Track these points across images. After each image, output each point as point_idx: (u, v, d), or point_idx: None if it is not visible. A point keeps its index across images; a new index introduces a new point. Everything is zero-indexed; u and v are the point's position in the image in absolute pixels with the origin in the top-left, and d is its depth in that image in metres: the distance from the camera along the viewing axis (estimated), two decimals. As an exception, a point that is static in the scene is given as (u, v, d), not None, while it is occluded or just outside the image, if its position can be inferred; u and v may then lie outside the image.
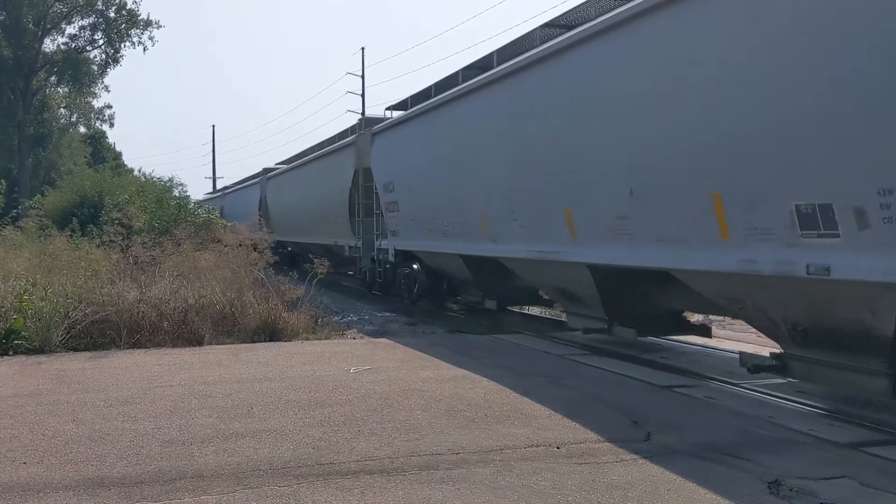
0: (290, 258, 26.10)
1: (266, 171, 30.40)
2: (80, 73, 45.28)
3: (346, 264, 21.42)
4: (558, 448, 5.34)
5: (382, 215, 15.89)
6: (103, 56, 46.16)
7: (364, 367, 8.37)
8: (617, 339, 9.70)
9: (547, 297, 12.94)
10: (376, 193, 16.02)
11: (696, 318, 10.50)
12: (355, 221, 17.97)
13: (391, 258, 15.63)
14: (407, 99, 15.59)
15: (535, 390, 7.17)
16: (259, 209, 28.82)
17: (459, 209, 12.16)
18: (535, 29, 10.62)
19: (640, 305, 9.22)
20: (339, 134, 22.37)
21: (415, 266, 14.97)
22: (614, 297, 9.22)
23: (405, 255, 15.13)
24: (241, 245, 12.99)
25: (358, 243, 18.01)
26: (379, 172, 15.77)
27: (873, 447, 5.48)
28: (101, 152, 51.92)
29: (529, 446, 5.38)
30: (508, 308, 14.05)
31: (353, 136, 18.49)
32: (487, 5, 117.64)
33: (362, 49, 55.32)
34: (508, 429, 5.82)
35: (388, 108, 17.12)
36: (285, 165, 29.01)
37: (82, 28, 45.54)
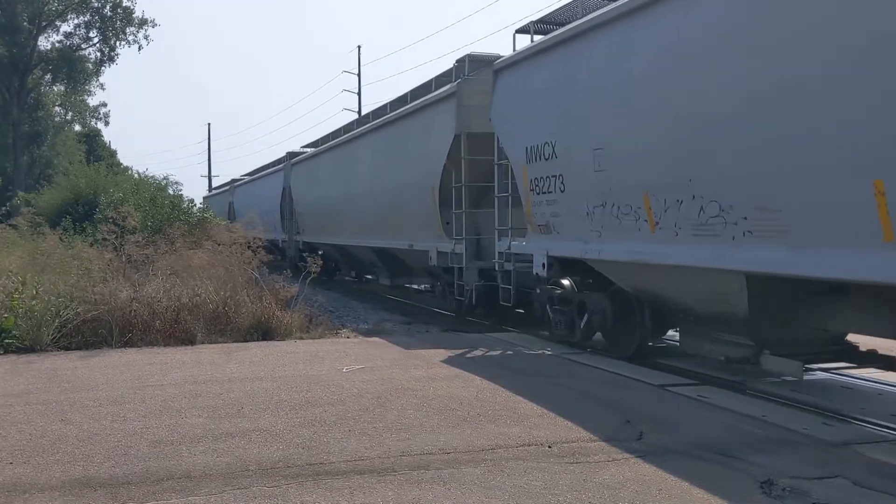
0: (323, 265, 21.68)
1: (290, 155, 24.98)
2: (75, 71, 45.25)
3: (418, 275, 16.07)
4: (550, 447, 5.30)
5: (509, 204, 10.92)
6: (98, 54, 46.10)
7: (357, 367, 8.33)
8: (769, 372, 7.42)
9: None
10: (499, 167, 11.00)
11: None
12: (452, 215, 12.51)
13: (543, 269, 9.86)
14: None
15: (528, 389, 7.13)
16: (281, 203, 25.18)
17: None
18: None
19: (796, 326, 7.04)
20: (416, 90, 15.24)
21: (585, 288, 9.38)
22: (768, 316, 6.96)
23: (563, 266, 9.72)
24: (235, 243, 12.93)
25: (455, 248, 12.40)
26: (510, 130, 10.48)
27: (867, 446, 5.45)
28: (96, 150, 51.67)
29: (521, 445, 5.35)
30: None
31: (453, 83, 12.57)
32: (486, 3, 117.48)
33: (358, 47, 55.33)
34: (501, 428, 5.79)
35: (517, 32, 11.03)
36: (312, 149, 23.49)
37: (77, 26, 45.56)
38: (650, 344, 9.12)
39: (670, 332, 9.20)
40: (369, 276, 21.82)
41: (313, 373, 8.03)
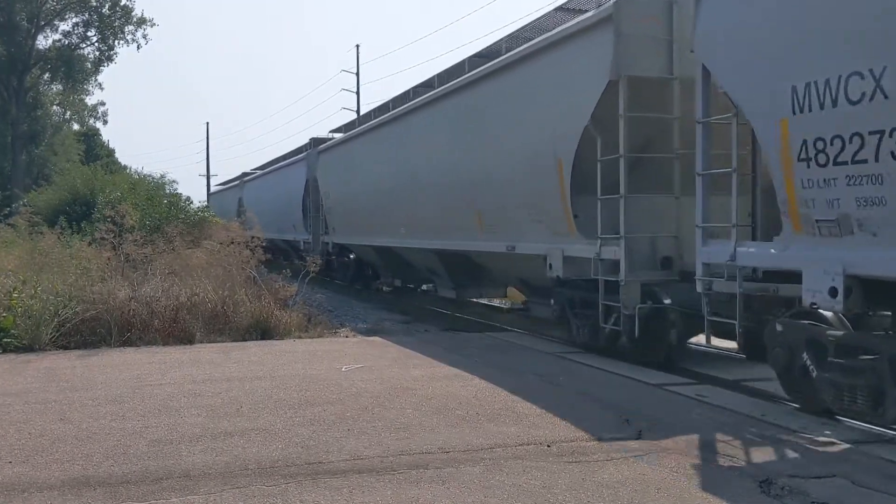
0: (357, 271, 19.63)
1: (316, 142, 21.97)
2: (73, 70, 45.17)
3: (499, 285, 13.44)
4: (549, 446, 5.31)
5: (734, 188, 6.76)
6: (97, 53, 46.04)
7: (356, 366, 8.33)
8: None
9: None
10: (706, 128, 7.00)
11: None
12: (599, 203, 8.61)
13: (832, 298, 5.65)
14: None
15: (527, 388, 7.14)
16: (304, 198, 21.95)
17: None
18: None
19: None
20: (520, 30, 11.16)
21: None
22: None
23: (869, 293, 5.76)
24: (233, 243, 12.92)
25: (603, 251, 8.57)
26: (747, 62, 6.35)
27: (866, 446, 5.45)
28: (94, 149, 51.71)
29: (520, 445, 5.35)
30: None
31: (606, 3, 8.45)
32: (484, 2, 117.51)
33: (357, 46, 55.16)
34: (499, 427, 5.79)
35: None
36: (341, 134, 20.24)
37: (76, 25, 45.41)
38: None
39: None
40: (425, 287, 17.89)
41: (312, 372, 8.03)
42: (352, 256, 19.81)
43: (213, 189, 43.70)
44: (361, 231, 17.30)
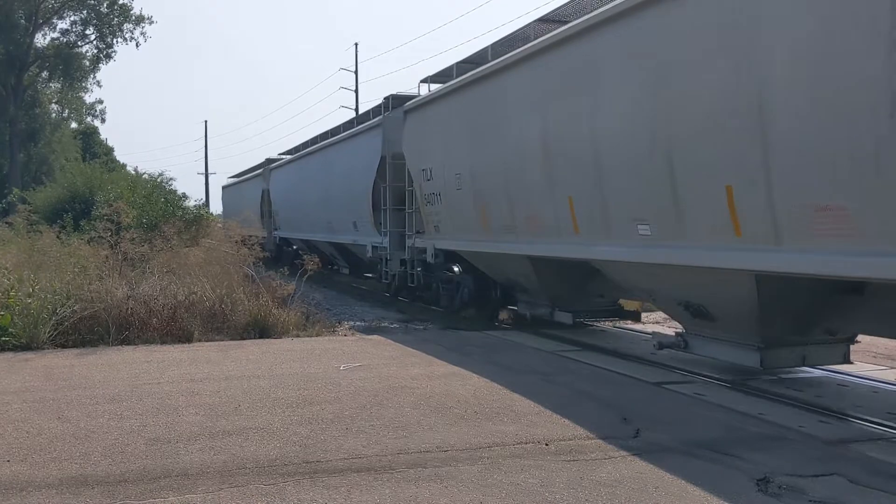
0: (479, 295, 12.48)
1: (396, 100, 14.45)
2: (71, 68, 45.16)
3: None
4: (547, 445, 5.31)
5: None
6: (95, 51, 45.99)
7: (354, 365, 8.32)
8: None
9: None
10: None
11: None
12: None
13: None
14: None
15: (525, 387, 7.14)
16: (377, 184, 15.00)
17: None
18: None
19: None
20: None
21: None
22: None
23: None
24: (230, 241, 12.93)
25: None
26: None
27: (863, 444, 5.46)
28: (92, 148, 51.67)
29: (518, 443, 5.35)
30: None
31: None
32: (482, 1, 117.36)
33: (356, 45, 55.10)
34: (498, 426, 5.79)
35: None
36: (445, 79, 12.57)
37: (74, 23, 45.41)
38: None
39: None
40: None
41: (310, 371, 8.03)
42: (457, 270, 13.09)
43: (226, 182, 38.12)
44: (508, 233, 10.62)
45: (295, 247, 24.17)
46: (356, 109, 43.16)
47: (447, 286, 13.38)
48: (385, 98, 15.02)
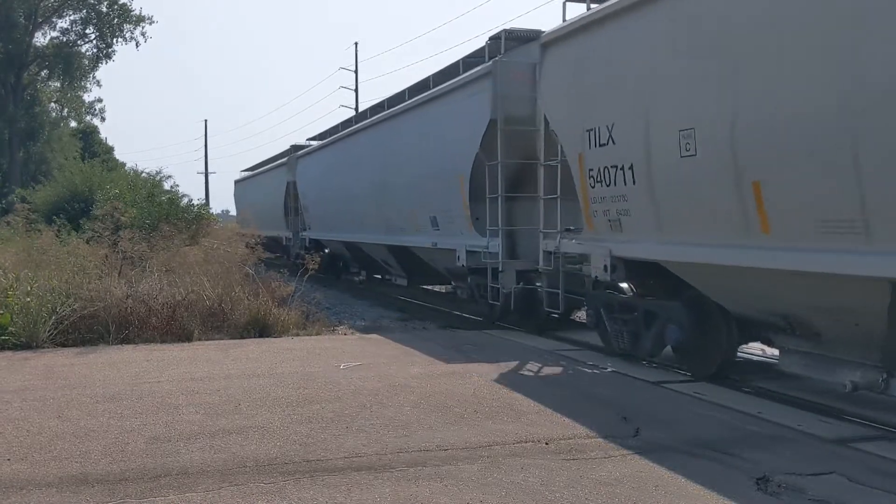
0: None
1: (514, 37, 10.95)
2: (71, 67, 45.12)
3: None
4: (547, 444, 5.31)
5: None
6: (95, 51, 45.96)
7: (354, 364, 8.32)
8: None
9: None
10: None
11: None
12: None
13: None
14: None
15: (525, 386, 7.14)
16: (478, 162, 11.06)
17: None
18: None
19: None
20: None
21: None
22: None
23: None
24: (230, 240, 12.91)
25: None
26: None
27: (862, 443, 5.47)
28: (92, 147, 51.59)
29: (518, 442, 5.35)
30: None
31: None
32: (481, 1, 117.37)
33: (356, 44, 55.08)
34: (497, 425, 5.80)
35: None
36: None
37: (74, 22, 45.37)
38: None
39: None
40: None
41: (310, 370, 8.03)
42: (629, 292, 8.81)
43: (239, 175, 34.12)
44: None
45: (328, 250, 20.07)
46: (356, 108, 43.12)
47: (626, 318, 8.57)
48: (492, 38, 11.06)
